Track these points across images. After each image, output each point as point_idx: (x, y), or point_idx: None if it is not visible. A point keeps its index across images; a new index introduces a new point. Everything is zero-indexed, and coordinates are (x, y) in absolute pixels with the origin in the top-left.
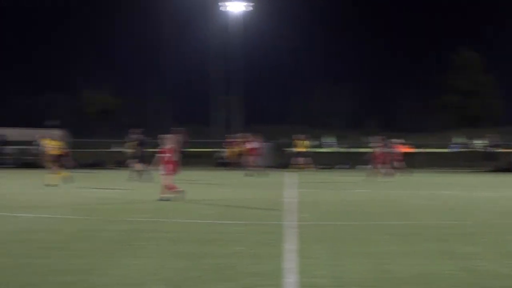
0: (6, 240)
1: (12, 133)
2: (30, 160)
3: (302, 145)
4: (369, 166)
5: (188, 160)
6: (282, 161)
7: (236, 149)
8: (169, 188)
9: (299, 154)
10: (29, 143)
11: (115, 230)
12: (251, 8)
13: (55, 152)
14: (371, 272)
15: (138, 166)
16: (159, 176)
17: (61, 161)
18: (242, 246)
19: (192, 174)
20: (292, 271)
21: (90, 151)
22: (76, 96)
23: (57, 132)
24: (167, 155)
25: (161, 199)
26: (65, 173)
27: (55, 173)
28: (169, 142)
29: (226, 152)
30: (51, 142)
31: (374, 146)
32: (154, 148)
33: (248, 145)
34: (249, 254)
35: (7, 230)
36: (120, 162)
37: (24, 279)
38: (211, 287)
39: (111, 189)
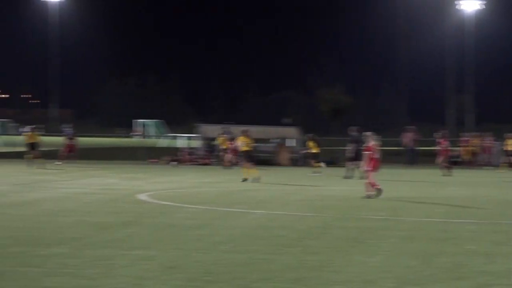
0: (242, 236)
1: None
2: (261, 158)
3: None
4: None
5: (421, 158)
6: None
7: (470, 148)
8: (371, 185)
9: (508, 152)
10: (261, 140)
11: (346, 227)
12: (483, 7)
13: (245, 148)
14: None
15: (355, 163)
16: (365, 173)
17: (249, 157)
18: (474, 245)
19: (424, 172)
20: None
21: (324, 149)
22: (311, 94)
23: (292, 129)
24: (370, 152)
25: (368, 197)
26: (254, 169)
27: (247, 168)
28: (371, 140)
29: (460, 150)
30: (242, 139)
31: None
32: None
33: (441, 145)
34: (482, 253)
35: (244, 226)
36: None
37: (259, 275)
38: (443, 286)
39: (340, 187)
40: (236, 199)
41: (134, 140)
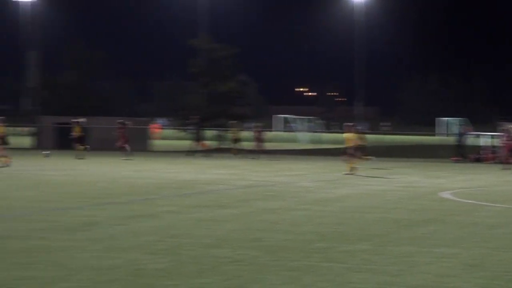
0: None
1: None
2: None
3: None
4: None
5: None
6: None
7: None
8: None
9: None
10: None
11: None
12: None
13: (357, 143)
14: None
15: None
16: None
17: (358, 152)
18: None
19: None
20: None
21: None
22: None
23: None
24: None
25: None
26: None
27: (354, 162)
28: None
29: None
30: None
31: None
32: None
33: None
34: None
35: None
36: None
37: None
38: None
39: None
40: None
41: (437, 138)
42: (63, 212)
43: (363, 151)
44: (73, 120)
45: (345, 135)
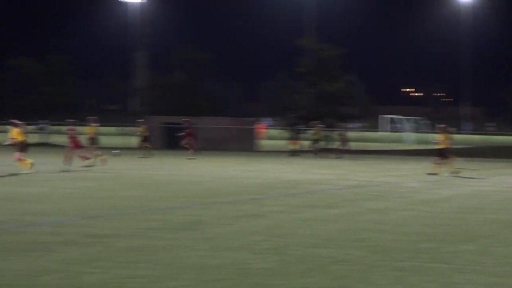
0: None
1: None
2: None
3: None
4: None
5: None
6: None
7: None
8: None
9: None
10: None
11: None
12: None
13: (441, 145)
14: None
15: None
16: None
17: (443, 154)
18: None
19: None
20: None
21: None
22: None
23: None
24: None
25: None
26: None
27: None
28: None
29: None
30: (441, 136)
31: None
32: None
33: None
34: None
35: None
36: None
37: None
38: None
39: None
40: None
41: None
42: (170, 211)
43: (450, 153)
44: (138, 120)
45: (438, 136)
